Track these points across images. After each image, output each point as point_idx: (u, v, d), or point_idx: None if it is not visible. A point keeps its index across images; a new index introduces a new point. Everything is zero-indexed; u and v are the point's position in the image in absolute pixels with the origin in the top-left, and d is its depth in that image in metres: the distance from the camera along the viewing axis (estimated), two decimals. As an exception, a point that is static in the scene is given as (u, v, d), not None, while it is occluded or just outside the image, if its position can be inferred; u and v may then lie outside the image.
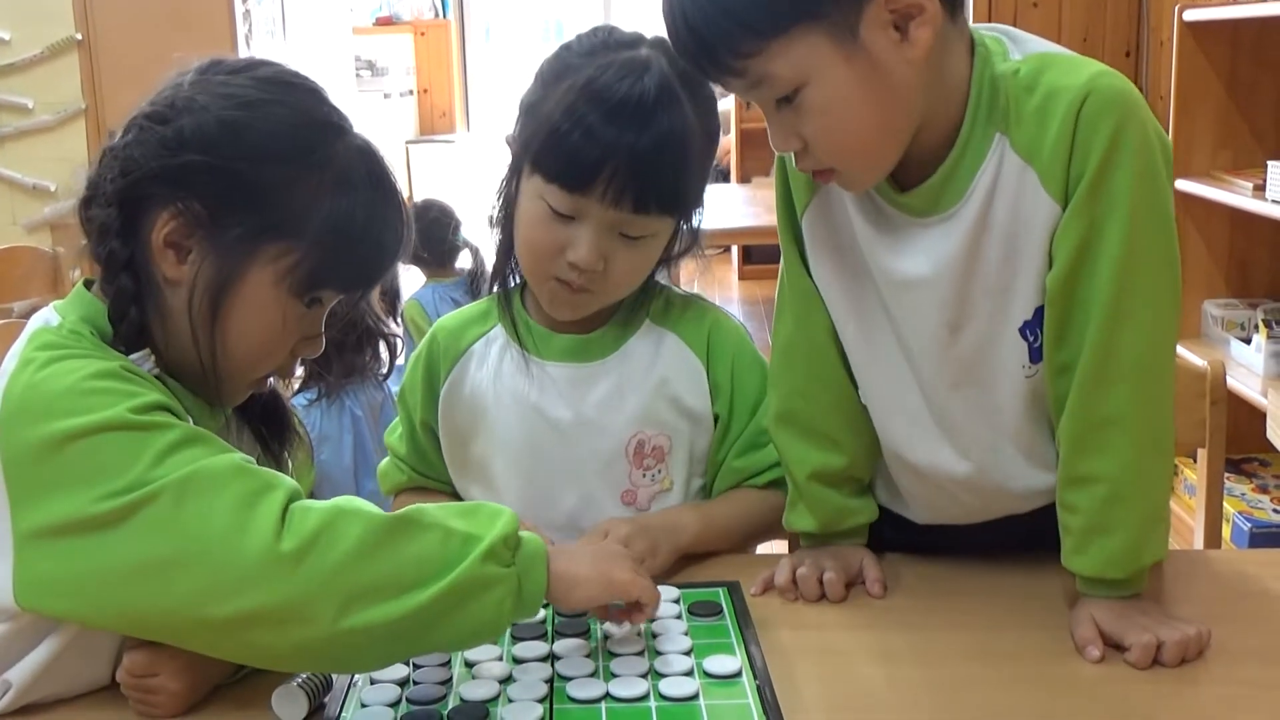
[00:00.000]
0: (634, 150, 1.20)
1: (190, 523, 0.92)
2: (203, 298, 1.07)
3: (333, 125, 1.12)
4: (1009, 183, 1.11)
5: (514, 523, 1.00)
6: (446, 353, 1.40)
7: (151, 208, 1.06)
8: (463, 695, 1.03)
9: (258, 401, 1.21)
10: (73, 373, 0.99)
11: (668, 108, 1.22)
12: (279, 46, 4.90)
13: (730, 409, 1.38)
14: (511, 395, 1.37)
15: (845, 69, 1.04)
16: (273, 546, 0.91)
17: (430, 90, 8.62)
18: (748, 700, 1.02)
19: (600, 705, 1.02)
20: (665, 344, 1.37)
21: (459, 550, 0.96)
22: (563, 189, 1.23)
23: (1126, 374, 1.10)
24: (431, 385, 1.41)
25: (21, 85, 4.39)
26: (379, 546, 0.93)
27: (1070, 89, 1.07)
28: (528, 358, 1.36)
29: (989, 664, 1.10)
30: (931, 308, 1.16)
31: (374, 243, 1.12)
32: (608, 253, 1.26)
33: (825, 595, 1.22)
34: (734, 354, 1.38)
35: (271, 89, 1.10)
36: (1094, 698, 1.04)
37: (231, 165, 1.06)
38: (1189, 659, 1.08)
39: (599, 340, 1.37)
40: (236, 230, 1.06)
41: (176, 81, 1.11)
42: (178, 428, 0.97)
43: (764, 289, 6.60)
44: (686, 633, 1.13)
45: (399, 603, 0.93)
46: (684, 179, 1.26)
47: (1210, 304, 3.26)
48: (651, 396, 1.35)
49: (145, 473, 0.94)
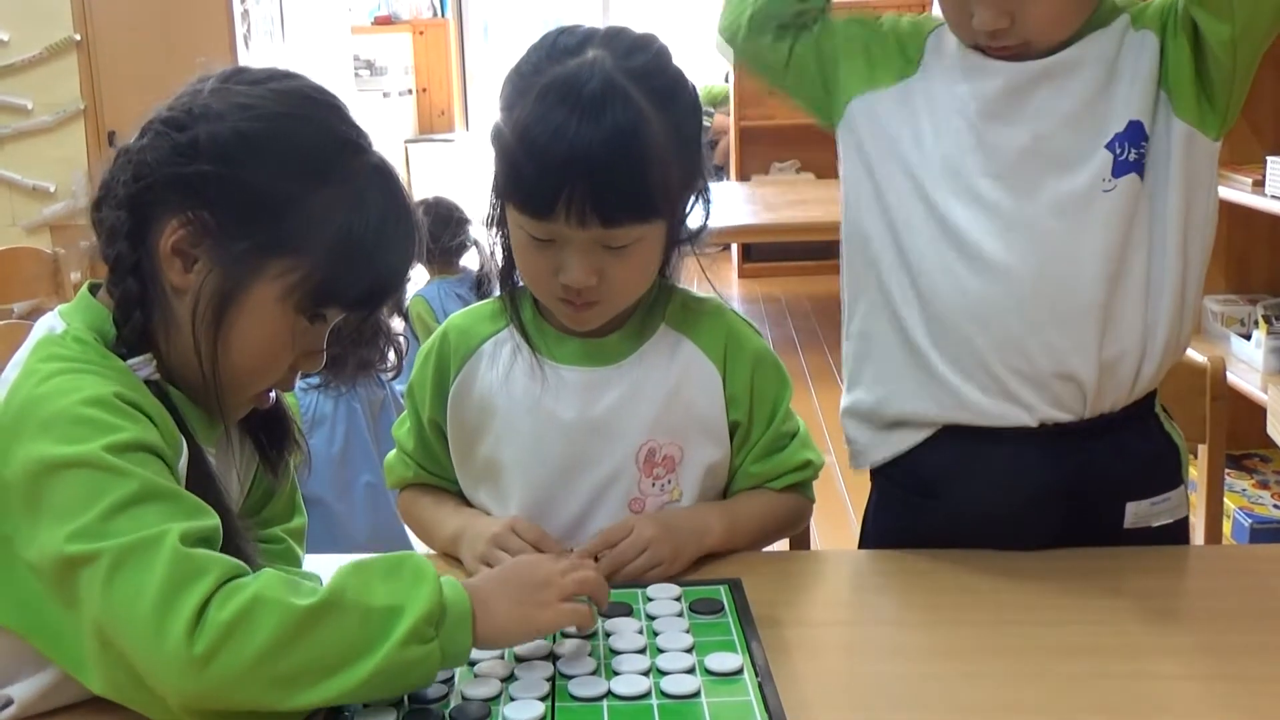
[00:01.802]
0: (588, 168, 1.18)
1: (118, 601, 0.91)
2: (207, 308, 1.06)
3: (350, 143, 1.11)
4: (1132, 55, 1.27)
5: (437, 592, 0.98)
6: (457, 351, 1.39)
7: (161, 214, 1.06)
8: (465, 694, 1.03)
9: (259, 411, 1.21)
10: (69, 394, 0.98)
11: (616, 111, 1.19)
12: (277, 47, 4.90)
13: (749, 417, 1.37)
14: (522, 397, 1.35)
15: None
16: (184, 649, 0.89)
17: (429, 89, 8.63)
18: (749, 698, 1.02)
19: (602, 703, 1.02)
20: (681, 350, 1.36)
21: (380, 630, 0.95)
22: (532, 218, 1.23)
23: None
24: (440, 384, 1.40)
25: (20, 86, 4.40)
26: (297, 636, 0.92)
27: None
28: (540, 360, 1.35)
29: (994, 660, 1.10)
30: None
31: (383, 264, 1.11)
32: (599, 267, 1.24)
33: None
34: (753, 363, 1.37)
35: (291, 103, 1.10)
36: (1099, 692, 1.04)
37: (244, 178, 1.05)
38: None
39: (613, 344, 1.35)
40: (245, 243, 1.06)
41: (197, 87, 1.10)
42: (137, 479, 0.95)
43: (764, 287, 6.59)
44: (688, 630, 1.13)
45: (329, 685, 0.93)
46: (648, 181, 1.21)
47: (1210, 300, 3.25)
48: (665, 404, 1.34)
49: (95, 523, 0.93)
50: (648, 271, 1.30)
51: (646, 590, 1.21)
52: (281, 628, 0.91)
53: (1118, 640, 1.12)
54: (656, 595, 1.20)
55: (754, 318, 1.35)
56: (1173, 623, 1.16)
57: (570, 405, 1.34)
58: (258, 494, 1.26)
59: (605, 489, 1.34)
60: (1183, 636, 1.14)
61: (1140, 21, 1.28)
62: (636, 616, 1.16)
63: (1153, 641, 1.12)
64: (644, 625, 1.14)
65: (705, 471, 1.36)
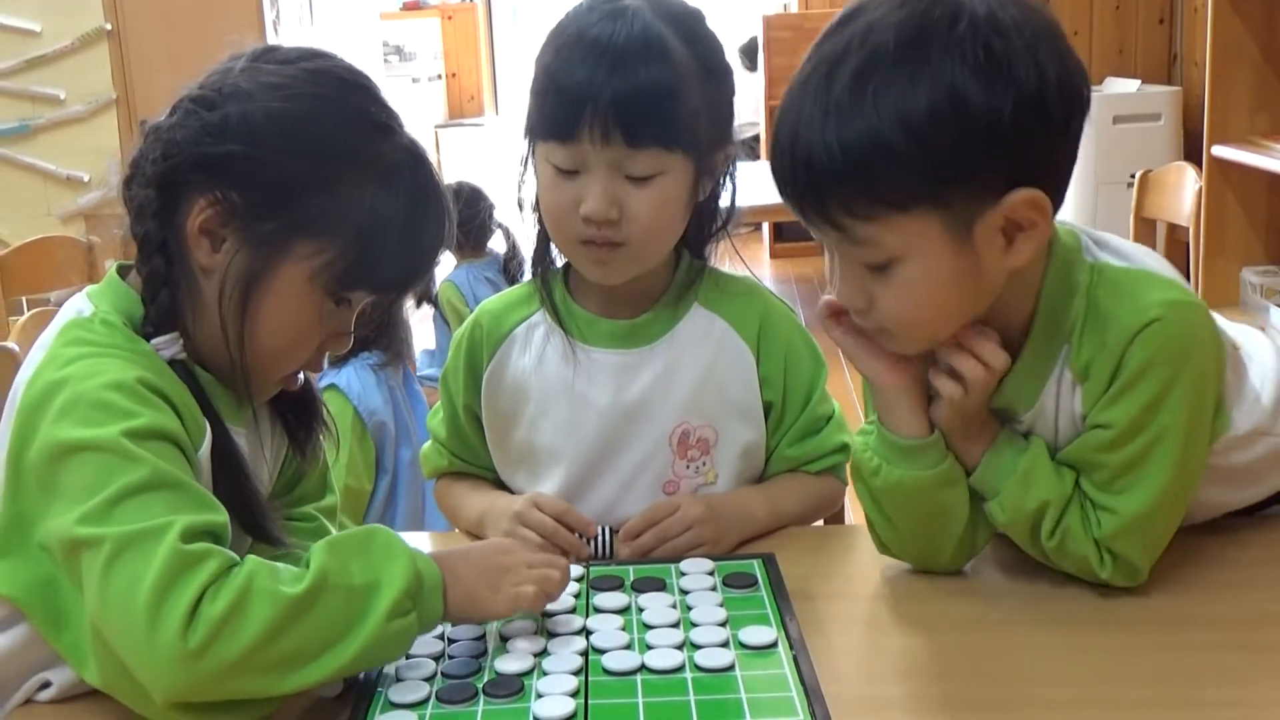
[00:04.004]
0: (614, 83, 1.18)
1: (114, 591, 0.91)
2: (234, 289, 1.06)
3: (380, 125, 1.10)
4: (1066, 396, 1.11)
5: (412, 565, 0.98)
6: (489, 337, 1.38)
7: (189, 193, 1.06)
8: (498, 669, 1.03)
9: (295, 405, 1.21)
10: (92, 377, 0.98)
11: (651, 39, 1.20)
12: (306, 32, 4.91)
13: (784, 399, 1.35)
14: (555, 381, 1.34)
15: (948, 259, 1.03)
16: (178, 642, 0.89)
17: (459, 74, 8.62)
18: (784, 671, 1.01)
19: (636, 677, 1.02)
20: (714, 330, 1.34)
21: (362, 608, 0.95)
22: (557, 142, 1.22)
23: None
24: (474, 370, 1.39)
25: (53, 76, 4.42)
26: (288, 624, 0.92)
27: (1130, 320, 1.06)
28: (572, 343, 1.34)
29: (1030, 632, 1.09)
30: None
31: (412, 247, 1.11)
32: (619, 198, 1.23)
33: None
34: (787, 344, 1.35)
35: (321, 84, 1.09)
36: (1135, 663, 1.03)
37: (272, 159, 1.05)
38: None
39: (646, 325, 1.34)
40: (272, 224, 1.05)
41: (228, 66, 1.09)
42: (148, 466, 0.95)
43: (796, 267, 6.56)
44: (721, 604, 1.12)
45: (317, 666, 0.93)
46: (677, 108, 1.21)
47: (1249, 271, 3.22)
48: (699, 385, 1.33)
49: (102, 508, 0.93)
50: (670, 213, 1.27)
51: (680, 565, 1.21)
52: (273, 617, 0.91)
53: (1152, 611, 1.11)
54: (690, 570, 1.20)
55: (786, 298, 1.34)
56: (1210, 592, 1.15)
57: (604, 389, 1.33)
58: (289, 473, 1.26)
59: (639, 472, 1.34)
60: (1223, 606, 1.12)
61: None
62: (670, 591, 1.16)
63: (1187, 612, 1.11)
64: (677, 600, 1.14)
65: (740, 453, 1.35)
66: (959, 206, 1.01)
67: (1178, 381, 1.06)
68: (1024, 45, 0.99)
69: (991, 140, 0.99)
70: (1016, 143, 1.00)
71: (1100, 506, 1.10)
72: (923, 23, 0.99)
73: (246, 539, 1.14)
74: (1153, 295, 1.06)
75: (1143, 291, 1.06)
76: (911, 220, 1.01)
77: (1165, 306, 1.05)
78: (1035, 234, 1.03)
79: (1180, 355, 1.06)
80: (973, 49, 0.98)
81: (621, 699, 0.99)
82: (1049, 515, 1.11)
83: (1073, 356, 1.09)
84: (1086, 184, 4.46)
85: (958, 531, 1.16)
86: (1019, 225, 1.03)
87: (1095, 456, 1.10)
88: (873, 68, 0.99)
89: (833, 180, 1.01)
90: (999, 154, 1.00)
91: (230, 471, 1.08)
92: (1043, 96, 1.00)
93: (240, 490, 1.09)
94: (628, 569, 1.21)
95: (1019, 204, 1.01)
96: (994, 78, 0.98)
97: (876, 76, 0.99)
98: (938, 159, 0.99)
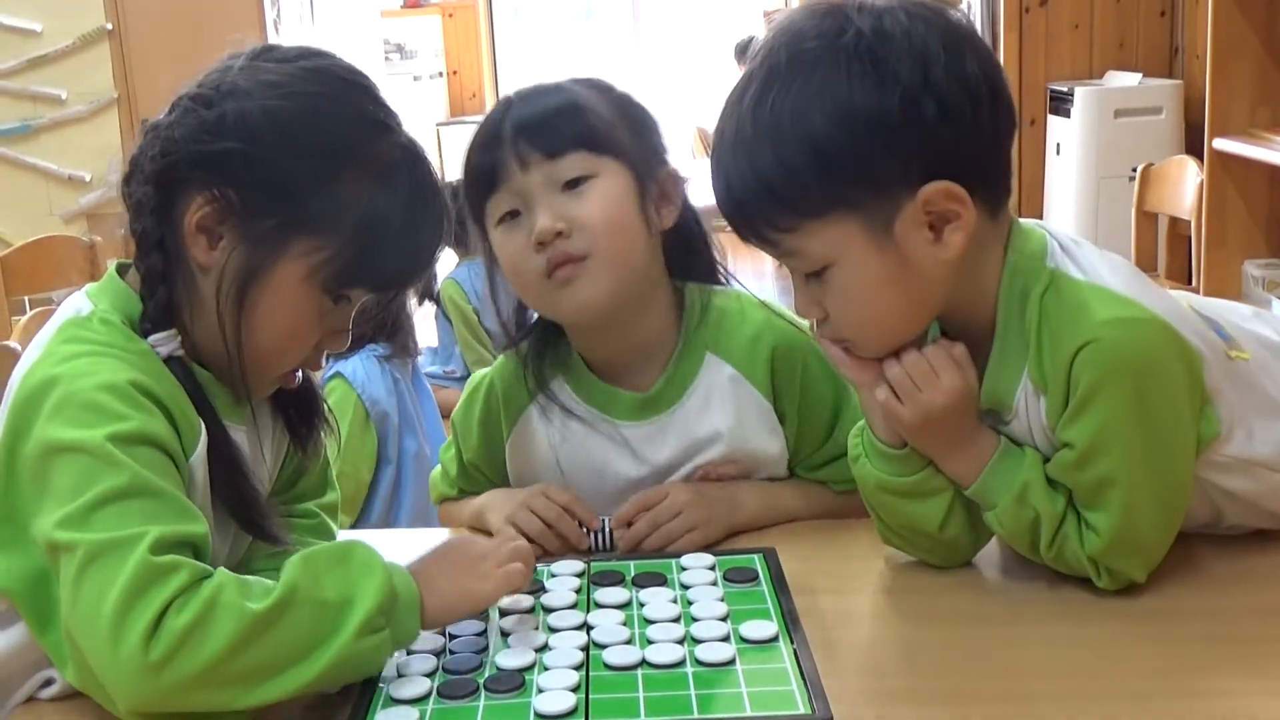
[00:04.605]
0: (515, 113, 1.26)
1: (83, 598, 0.92)
2: (230, 286, 1.06)
3: (378, 123, 1.10)
4: (1033, 403, 1.11)
5: (387, 582, 0.98)
6: (508, 408, 1.38)
7: (187, 190, 1.06)
8: (499, 664, 1.03)
9: (296, 402, 1.21)
10: (86, 376, 0.99)
11: (552, 88, 1.28)
12: (307, 31, 4.91)
13: (798, 430, 1.35)
14: (584, 460, 1.36)
15: (875, 258, 1.05)
16: (139, 654, 0.89)
17: (460, 71, 8.62)
18: (785, 665, 1.02)
19: (636, 672, 1.02)
20: (729, 383, 1.33)
21: (333, 624, 0.95)
22: (492, 193, 1.26)
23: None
24: (490, 437, 1.40)
25: (54, 76, 4.42)
26: (252, 640, 0.91)
27: (1070, 339, 1.06)
28: (597, 417, 1.35)
29: (1033, 625, 1.09)
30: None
31: (409, 246, 1.11)
32: (563, 211, 1.24)
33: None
34: (801, 374, 1.34)
35: (319, 82, 1.09)
36: (1142, 654, 1.03)
37: (269, 156, 1.05)
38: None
39: (662, 392, 1.34)
40: (269, 222, 1.06)
41: (228, 64, 1.10)
42: (128, 472, 0.95)
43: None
44: (722, 599, 1.13)
45: (282, 681, 0.93)
46: (585, 117, 1.26)
47: (1250, 264, 3.22)
48: (721, 446, 1.34)
49: (81, 512, 0.94)
50: (618, 211, 1.26)
51: (680, 560, 1.21)
52: (237, 633, 0.91)
53: (1158, 601, 1.11)
54: (690, 564, 1.20)
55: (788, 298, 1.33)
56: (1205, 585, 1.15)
57: (629, 461, 1.35)
58: (289, 470, 1.27)
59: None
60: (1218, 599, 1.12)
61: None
62: (670, 586, 1.16)
63: (1184, 605, 1.11)
64: (678, 594, 1.14)
65: (768, 474, 1.37)
66: (872, 206, 1.04)
67: (1132, 399, 1.05)
68: (909, 48, 1.02)
69: (884, 139, 1.02)
70: (914, 140, 1.02)
71: (1086, 524, 1.10)
72: (811, 38, 1.04)
73: (247, 538, 1.14)
74: (1093, 315, 1.05)
75: (1084, 310, 1.06)
76: (830, 226, 1.05)
77: (1104, 327, 1.04)
78: (961, 224, 1.05)
79: (1132, 373, 1.05)
80: (857, 56, 1.02)
81: (622, 693, 0.99)
82: (1045, 530, 1.11)
83: (1031, 365, 1.09)
84: (1088, 178, 4.46)
85: (931, 539, 1.17)
86: (943, 217, 1.05)
87: (1067, 475, 1.10)
88: (770, 84, 1.04)
89: (751, 199, 1.06)
90: (895, 152, 1.02)
91: (228, 470, 1.08)
92: (936, 94, 1.02)
93: (238, 489, 1.09)
94: (628, 564, 1.21)
95: (933, 196, 1.03)
96: (878, 81, 1.01)
97: (773, 92, 1.04)
98: (836, 164, 1.03)
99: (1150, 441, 1.07)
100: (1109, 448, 1.07)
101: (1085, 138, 4.47)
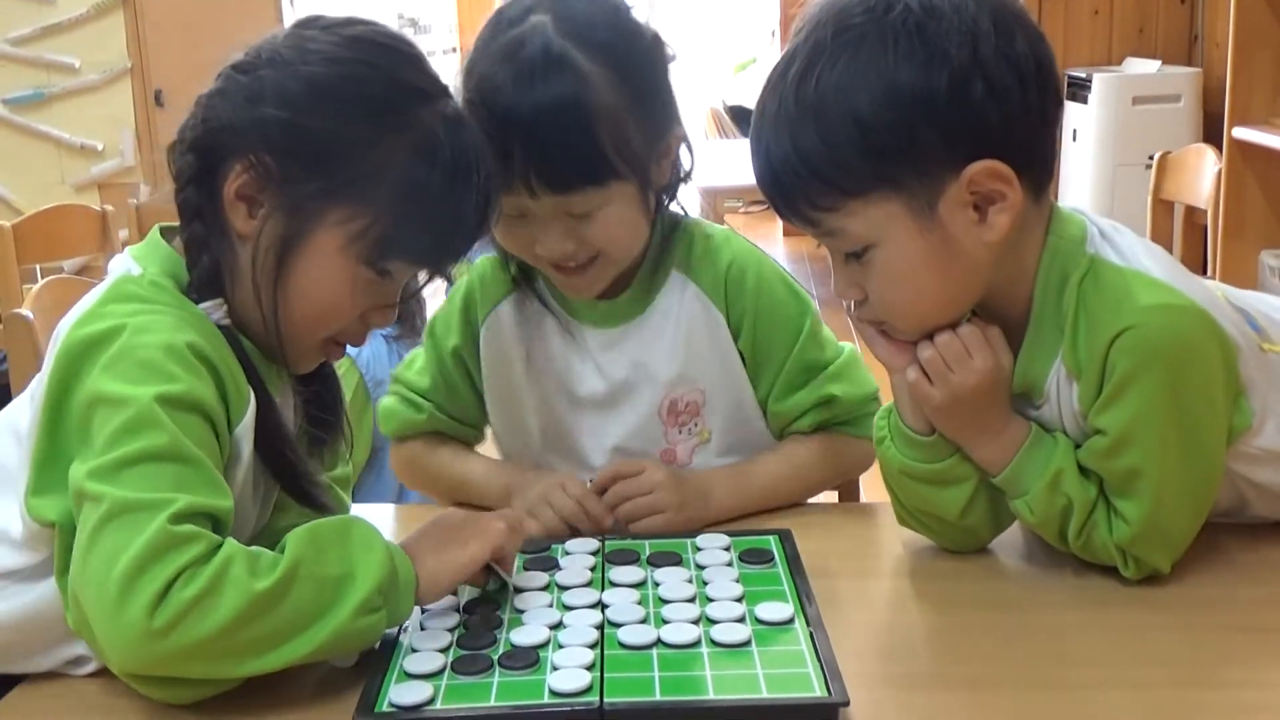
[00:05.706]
0: (527, 140, 1.17)
1: (96, 556, 0.92)
2: (268, 254, 1.06)
3: (419, 91, 1.09)
4: (1065, 389, 1.10)
5: (388, 561, 0.98)
6: (485, 294, 1.38)
7: (227, 158, 1.06)
8: (513, 641, 1.03)
9: (314, 385, 1.20)
10: (146, 332, 0.99)
11: (553, 79, 1.18)
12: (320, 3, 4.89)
13: (753, 347, 1.34)
14: (548, 358, 1.35)
15: (918, 239, 1.04)
16: (143, 620, 0.89)
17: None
18: (800, 646, 1.01)
19: (652, 651, 1.01)
20: (687, 297, 1.34)
21: (332, 599, 0.95)
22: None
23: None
24: (469, 315, 1.39)
25: (67, 45, 4.42)
26: (255, 616, 0.92)
27: (1110, 324, 1.04)
28: (567, 322, 1.35)
29: (1052, 612, 1.08)
30: None
31: (449, 217, 1.09)
32: (572, 233, 1.23)
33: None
34: (755, 288, 1.33)
35: (360, 49, 1.08)
36: (1155, 643, 1.02)
37: (307, 123, 1.05)
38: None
39: (627, 303, 1.34)
40: (307, 189, 1.05)
41: (274, 34, 1.10)
42: (168, 435, 0.95)
43: (809, 245, 6.51)
44: (738, 580, 1.12)
45: (278, 653, 0.93)
46: (597, 145, 1.19)
47: (1268, 254, 3.20)
48: (680, 357, 1.33)
49: (112, 466, 0.94)
50: (630, 230, 1.27)
51: (695, 540, 1.21)
52: (240, 609, 0.91)
53: (1180, 590, 1.10)
54: (705, 545, 1.19)
55: (800, 277, 1.32)
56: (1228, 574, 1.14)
57: (592, 373, 1.35)
58: (301, 446, 1.26)
59: (633, 446, 1.35)
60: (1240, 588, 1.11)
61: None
62: (686, 566, 1.16)
63: (1202, 594, 1.10)
64: (693, 575, 1.14)
65: (731, 409, 1.36)
66: (916, 186, 1.02)
67: (1169, 387, 1.04)
68: (959, 25, 1.01)
69: (930, 118, 1.01)
70: (961, 119, 1.01)
71: (1116, 512, 1.09)
72: (857, 13, 1.02)
73: (288, 508, 1.14)
74: (1134, 300, 1.04)
75: (1125, 295, 1.05)
76: (872, 206, 1.03)
77: (1144, 312, 1.03)
78: (1006, 205, 1.03)
79: (1168, 361, 1.04)
80: (905, 33, 1.00)
81: (637, 673, 0.98)
82: (1075, 518, 1.10)
83: (1066, 350, 1.08)
84: (1105, 165, 4.44)
85: (950, 525, 1.16)
86: (988, 198, 1.03)
87: (1098, 463, 1.09)
88: (815, 60, 1.03)
89: (793, 177, 1.04)
90: (942, 131, 1.01)
91: (274, 440, 1.09)
92: (984, 73, 1.00)
93: (283, 458, 1.10)
94: (643, 544, 1.21)
95: (978, 176, 1.02)
96: (927, 59, 1.00)
97: (818, 69, 1.02)
98: (880, 143, 1.01)
99: (1184, 431, 1.06)
100: (1142, 436, 1.06)
101: (1103, 124, 4.46)
